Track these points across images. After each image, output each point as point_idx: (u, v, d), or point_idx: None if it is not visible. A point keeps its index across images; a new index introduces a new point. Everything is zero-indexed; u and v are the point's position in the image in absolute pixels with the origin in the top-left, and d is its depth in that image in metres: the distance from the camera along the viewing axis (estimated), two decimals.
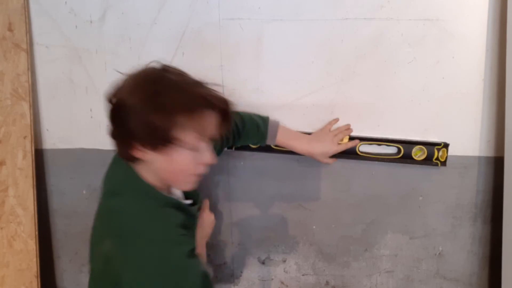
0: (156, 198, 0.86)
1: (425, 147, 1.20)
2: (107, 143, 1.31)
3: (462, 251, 1.28)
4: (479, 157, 1.22)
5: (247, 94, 1.24)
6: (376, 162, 1.23)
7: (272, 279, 1.38)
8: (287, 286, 1.37)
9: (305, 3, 1.17)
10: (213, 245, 1.36)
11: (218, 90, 0.85)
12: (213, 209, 1.33)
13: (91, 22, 1.25)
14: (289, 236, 1.33)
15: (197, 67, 1.23)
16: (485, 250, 1.28)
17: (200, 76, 1.23)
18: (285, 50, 1.20)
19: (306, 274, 1.33)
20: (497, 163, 1.21)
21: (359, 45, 1.18)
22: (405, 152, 1.20)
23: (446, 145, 1.19)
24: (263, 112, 1.24)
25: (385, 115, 1.22)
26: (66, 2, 1.24)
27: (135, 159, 0.84)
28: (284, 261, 1.36)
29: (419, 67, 1.18)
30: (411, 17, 1.15)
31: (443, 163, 1.20)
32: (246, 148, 1.24)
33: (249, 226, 1.33)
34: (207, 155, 0.85)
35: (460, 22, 1.15)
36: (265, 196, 1.31)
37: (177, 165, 0.83)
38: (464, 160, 1.22)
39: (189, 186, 0.89)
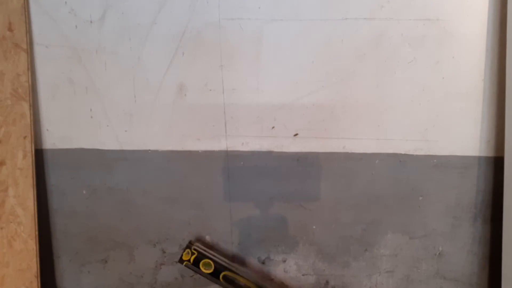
0: None
1: None
2: (106, 143, 1.33)
3: (462, 251, 1.28)
4: (479, 157, 1.22)
5: (247, 94, 1.24)
6: (377, 161, 1.23)
7: (272, 279, 1.37)
8: (287, 286, 1.37)
9: (305, 3, 1.17)
10: (213, 245, 1.36)
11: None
12: (213, 208, 1.33)
13: (91, 22, 1.25)
14: (289, 236, 1.33)
15: (197, 67, 1.24)
16: (485, 250, 1.28)
17: (201, 76, 1.24)
18: (285, 50, 1.20)
19: (306, 274, 1.33)
20: (497, 163, 1.21)
21: (359, 45, 1.18)
22: None
23: None
24: (262, 112, 1.24)
25: (385, 115, 1.22)
26: (66, 2, 1.24)
27: None
28: (284, 261, 1.36)
29: (419, 67, 1.18)
30: (411, 17, 1.15)
31: None
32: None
33: (249, 226, 1.33)
34: None
35: (460, 22, 1.15)
36: (265, 196, 1.31)
37: None
38: (464, 160, 1.22)
39: None
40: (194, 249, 1.26)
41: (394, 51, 1.17)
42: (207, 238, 1.36)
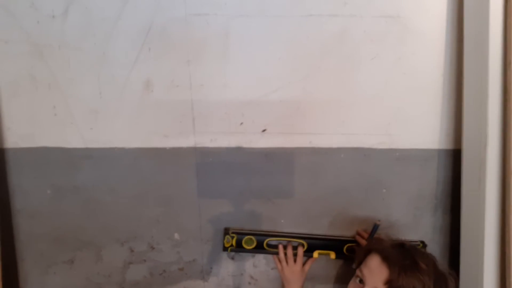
0: None
1: None
2: (71, 141, 1.30)
3: (424, 240, 1.33)
4: (439, 150, 1.27)
5: (214, 90, 1.24)
6: (343, 155, 1.26)
7: (242, 274, 1.38)
8: (256, 280, 1.38)
9: None
10: (182, 242, 1.36)
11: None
12: (182, 205, 1.33)
13: (53, 17, 1.22)
14: None
15: (163, 62, 1.23)
16: (445, 239, 1.33)
17: (167, 71, 1.23)
18: (252, 46, 1.21)
19: (275, 268, 1.34)
20: (455, 155, 1.26)
21: (324, 41, 1.20)
22: None
23: (424, 245, 1.27)
24: (230, 108, 1.25)
25: (350, 110, 1.25)
26: None
27: None
28: (253, 256, 1.37)
29: (381, 63, 1.21)
30: (373, 14, 1.18)
31: None
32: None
33: (219, 222, 1.33)
34: None
35: (420, 19, 1.19)
36: (235, 192, 1.31)
37: None
38: (424, 152, 1.27)
39: None
40: (232, 233, 1.29)
41: (357, 48, 1.20)
42: (176, 235, 1.35)
